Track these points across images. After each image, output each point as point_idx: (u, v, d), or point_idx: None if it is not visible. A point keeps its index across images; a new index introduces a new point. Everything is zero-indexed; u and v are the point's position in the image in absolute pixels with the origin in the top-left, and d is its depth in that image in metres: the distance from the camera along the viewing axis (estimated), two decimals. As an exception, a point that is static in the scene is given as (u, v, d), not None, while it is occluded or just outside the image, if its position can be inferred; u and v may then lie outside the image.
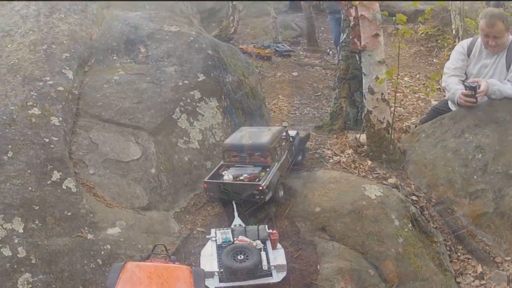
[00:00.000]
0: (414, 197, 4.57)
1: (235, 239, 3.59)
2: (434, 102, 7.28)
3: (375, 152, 4.93)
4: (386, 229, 3.89)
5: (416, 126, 5.93)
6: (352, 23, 5.80)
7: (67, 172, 3.86)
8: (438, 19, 11.84)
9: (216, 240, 3.61)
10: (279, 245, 3.63)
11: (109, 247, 3.58)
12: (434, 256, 4.04)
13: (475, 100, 4.93)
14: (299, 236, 3.86)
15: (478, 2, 12.10)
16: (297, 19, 14.38)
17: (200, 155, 4.68)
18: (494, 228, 4.36)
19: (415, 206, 4.39)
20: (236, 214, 3.97)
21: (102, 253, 3.54)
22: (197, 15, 8.02)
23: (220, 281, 3.36)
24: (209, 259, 3.49)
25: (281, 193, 4.19)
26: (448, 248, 4.28)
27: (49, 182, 3.74)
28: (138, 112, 4.63)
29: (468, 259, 4.26)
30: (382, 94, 4.77)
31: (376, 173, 4.68)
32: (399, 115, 6.78)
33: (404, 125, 6.29)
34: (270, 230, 3.66)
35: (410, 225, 4.07)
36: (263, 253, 3.48)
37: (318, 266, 3.65)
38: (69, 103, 4.43)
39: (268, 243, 3.60)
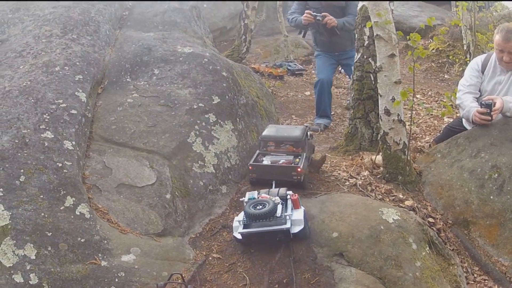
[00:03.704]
0: (430, 219, 4.52)
1: (258, 196, 4.05)
2: (446, 120, 7.25)
3: (391, 174, 4.88)
4: (404, 253, 3.83)
5: (430, 145, 5.89)
6: (366, 42, 5.78)
7: (80, 197, 3.83)
8: (449, 34, 11.79)
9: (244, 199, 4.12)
10: (302, 207, 3.97)
11: (123, 275, 3.53)
12: (451, 279, 3.98)
13: (490, 118, 4.89)
14: (316, 262, 3.80)
15: (490, 17, 12.09)
16: (308, 37, 14.36)
17: (216, 180, 4.64)
18: (511, 248, 4.29)
19: (432, 229, 4.34)
20: (273, 187, 4.35)
21: (116, 280, 3.48)
22: (210, 35, 8.04)
23: (244, 228, 3.83)
24: (240, 214, 3.97)
25: (310, 184, 4.74)
26: (465, 270, 4.23)
27: (62, 208, 3.70)
28: (153, 136, 4.61)
29: (485, 280, 4.20)
30: (398, 115, 4.71)
31: (392, 196, 4.63)
32: (413, 134, 6.74)
33: (418, 144, 6.25)
34: (291, 193, 4.02)
35: (428, 248, 4.02)
36: (279, 206, 3.87)
37: (336, 293, 3.60)
38: (82, 127, 4.42)
39: (289, 203, 3.96)
